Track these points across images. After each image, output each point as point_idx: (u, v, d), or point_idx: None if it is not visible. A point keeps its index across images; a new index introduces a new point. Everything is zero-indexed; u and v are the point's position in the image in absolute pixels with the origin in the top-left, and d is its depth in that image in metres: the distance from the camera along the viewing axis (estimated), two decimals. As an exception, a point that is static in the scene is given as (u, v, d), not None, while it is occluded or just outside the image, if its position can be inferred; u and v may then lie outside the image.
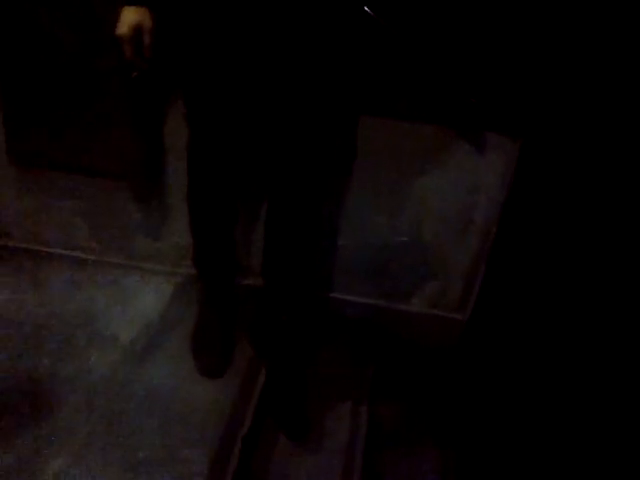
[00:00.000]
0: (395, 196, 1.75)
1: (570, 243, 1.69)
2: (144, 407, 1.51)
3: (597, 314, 1.64)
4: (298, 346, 1.70)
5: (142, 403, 1.52)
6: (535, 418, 1.65)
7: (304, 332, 1.74)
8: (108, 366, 1.59)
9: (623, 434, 1.48)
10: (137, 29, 1.28)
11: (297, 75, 1.34)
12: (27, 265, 1.89)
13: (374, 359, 1.85)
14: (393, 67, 1.60)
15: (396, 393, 1.78)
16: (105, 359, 1.61)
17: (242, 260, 1.84)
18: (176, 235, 1.89)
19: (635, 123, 1.53)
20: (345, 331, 1.89)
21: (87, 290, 1.82)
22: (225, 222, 1.63)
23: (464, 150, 1.68)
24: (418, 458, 1.60)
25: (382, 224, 1.80)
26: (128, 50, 1.29)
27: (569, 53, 1.53)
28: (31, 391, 1.49)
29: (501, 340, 1.81)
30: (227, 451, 1.43)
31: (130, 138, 1.74)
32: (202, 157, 1.51)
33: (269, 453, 1.51)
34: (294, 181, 1.49)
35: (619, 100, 1.53)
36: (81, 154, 1.76)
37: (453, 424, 1.71)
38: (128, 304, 1.79)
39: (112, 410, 1.48)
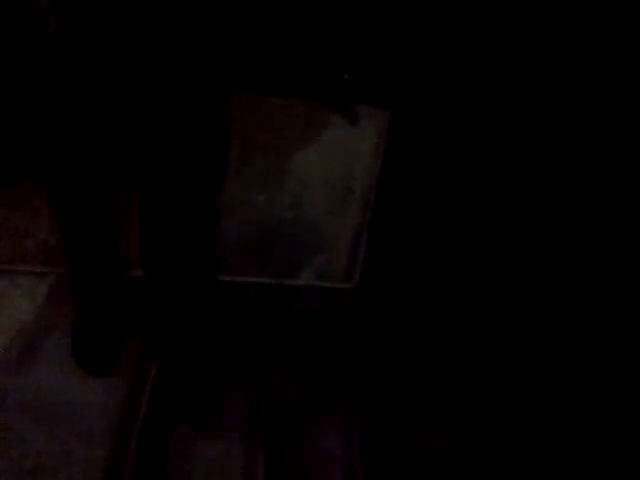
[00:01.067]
0: (274, 172, 1.75)
1: (443, 206, 1.77)
2: (29, 415, 1.42)
3: (473, 275, 1.74)
4: (188, 333, 1.65)
5: (26, 411, 1.43)
6: (425, 377, 1.72)
7: (192, 318, 1.70)
8: (-17, 377, 1.48)
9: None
10: None
11: (157, 52, 1.28)
12: None
13: (268, 336, 1.84)
14: (260, 42, 1.58)
15: (293, 366, 1.79)
16: (-23, 370, 1.49)
17: (124, 251, 1.76)
18: (44, 233, 1.78)
19: (490, 92, 1.62)
20: (235, 312, 1.87)
21: (-51, 300, 1.67)
22: (93, 215, 1.53)
23: (337, 122, 1.70)
24: (320, 431, 1.62)
25: (263, 201, 1.79)
26: None
27: (431, 22, 1.59)
28: None
29: (389, 305, 1.87)
30: (122, 447, 1.38)
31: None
32: (58, 151, 1.41)
33: (169, 445, 1.46)
34: (166, 165, 1.43)
35: (473, 71, 1.61)
36: None
37: (351, 391, 1.75)
38: (-2, 310, 1.67)
39: (-4, 422, 1.38)
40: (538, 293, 1.78)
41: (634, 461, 1.53)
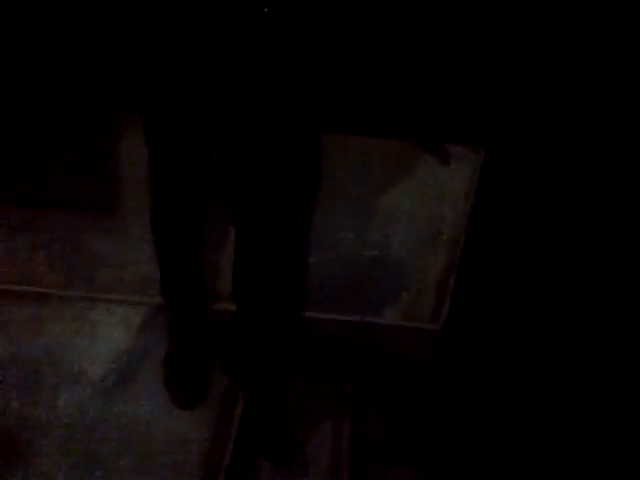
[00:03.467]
0: (363, 211, 1.75)
1: (537, 250, 1.71)
2: (120, 446, 1.46)
3: (571, 320, 1.66)
4: (275, 369, 1.67)
5: (117, 442, 1.47)
6: (515, 434, 1.66)
7: (280, 354, 1.71)
8: (79, 405, 1.54)
9: (612, 449, 1.50)
10: None
11: (256, 93, 1.32)
12: (-14, 305, 1.81)
13: (351, 376, 1.83)
14: (354, 83, 1.60)
15: (376, 408, 1.77)
16: (75, 398, 1.55)
17: (212, 285, 1.81)
18: (140, 264, 1.84)
19: (595, 128, 1.57)
20: (320, 349, 1.87)
21: (51, 326, 1.75)
22: (192, 247, 1.59)
23: (428, 163, 1.69)
24: (401, 476, 1.59)
25: (351, 239, 1.79)
26: None
27: (523, 62, 1.56)
28: (1, 438, 1.42)
29: (476, 350, 1.82)
30: (210, 483, 1.40)
31: (87, 168, 1.69)
32: (164, 181, 1.48)
33: (254, 481, 1.48)
34: (261, 202, 1.47)
35: (578, 106, 1.56)
36: (37, 187, 1.70)
37: (433, 439, 1.71)
38: (94, 338, 1.74)
39: (87, 452, 1.43)
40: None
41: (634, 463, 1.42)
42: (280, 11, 1.23)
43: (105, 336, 1.75)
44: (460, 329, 1.85)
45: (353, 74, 1.58)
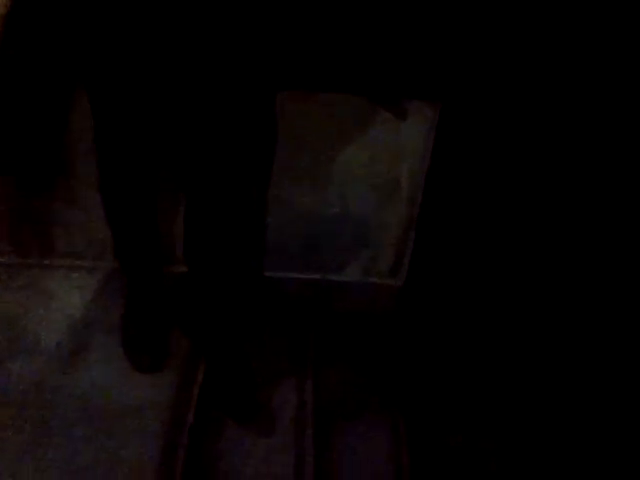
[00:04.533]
0: (320, 169, 1.73)
1: (493, 204, 1.73)
2: (78, 414, 1.44)
3: (525, 271, 1.70)
4: (234, 327, 1.66)
5: (77, 409, 1.45)
6: (473, 377, 1.70)
7: (239, 314, 1.70)
8: (35, 373, 1.51)
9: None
10: None
11: (211, 47, 1.27)
12: None
13: (314, 332, 1.84)
14: (308, 38, 1.56)
15: (338, 362, 1.78)
16: (31, 366, 1.52)
17: (169, 247, 1.77)
18: (94, 229, 1.79)
19: (544, 87, 1.57)
20: (282, 308, 1.87)
21: (4, 294, 1.70)
22: (143, 211, 1.55)
23: (385, 118, 1.67)
24: (368, 429, 1.61)
25: (309, 197, 1.77)
26: None
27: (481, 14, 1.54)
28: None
29: (435, 303, 1.85)
30: (174, 444, 1.39)
31: (33, 133, 1.62)
32: (110, 145, 1.42)
33: (218, 442, 1.47)
34: (212, 160, 1.43)
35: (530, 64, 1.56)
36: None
37: (398, 390, 1.73)
38: (49, 306, 1.70)
39: (43, 421, 1.41)
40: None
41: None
42: None
43: (60, 303, 1.71)
44: (420, 283, 1.87)
45: (309, 29, 1.54)
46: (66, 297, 1.72)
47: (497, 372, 1.69)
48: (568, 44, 1.51)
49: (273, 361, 1.70)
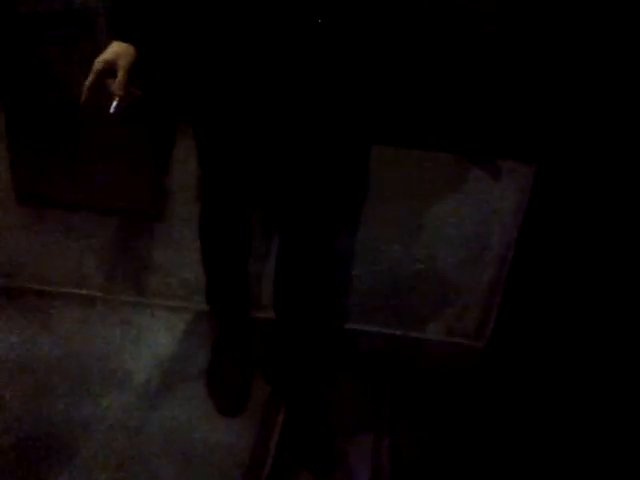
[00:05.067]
0: (409, 224, 1.74)
1: (587, 267, 1.67)
2: (162, 450, 1.47)
3: (621, 340, 1.61)
4: (315, 380, 1.66)
5: (159, 446, 1.48)
6: (559, 446, 1.61)
7: (320, 365, 1.71)
8: (123, 408, 1.56)
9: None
10: (110, 63, 1.24)
11: (308, 104, 1.33)
12: (36, 305, 1.85)
13: (392, 390, 1.81)
14: (404, 95, 1.59)
15: (416, 424, 1.74)
16: (119, 401, 1.57)
17: (254, 293, 1.82)
18: (185, 270, 1.86)
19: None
20: (361, 362, 1.86)
21: (98, 330, 1.78)
22: (239, 255, 1.61)
23: (478, 176, 1.67)
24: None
25: (397, 252, 1.78)
26: (89, 79, 1.23)
27: (577, 76, 1.53)
28: (46, 437, 1.45)
29: (520, 366, 1.78)
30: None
31: (138, 176, 1.72)
32: (215, 189, 1.50)
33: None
34: (305, 211, 1.47)
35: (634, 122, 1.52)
36: (89, 193, 1.74)
37: (477, 453, 1.67)
38: (140, 343, 1.76)
39: (129, 455, 1.44)
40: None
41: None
42: (334, 22, 1.23)
43: (150, 341, 1.77)
44: (505, 347, 1.81)
45: (407, 88, 1.58)
46: (156, 336, 1.79)
47: (582, 445, 1.60)
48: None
49: (350, 414, 1.68)
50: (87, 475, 1.38)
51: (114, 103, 1.24)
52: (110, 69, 1.24)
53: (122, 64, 1.25)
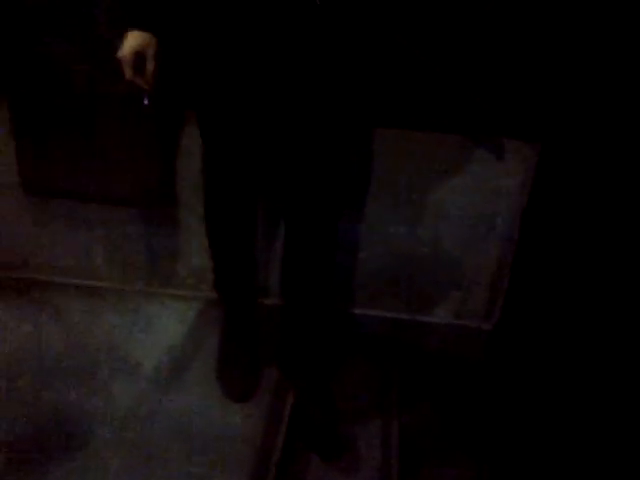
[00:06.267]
0: (414, 206, 1.73)
1: (593, 247, 1.66)
2: (173, 437, 1.49)
3: (627, 320, 1.60)
4: (323, 364, 1.67)
5: (170, 432, 1.50)
6: (567, 427, 1.61)
7: (327, 350, 1.72)
8: (134, 396, 1.57)
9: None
10: (139, 53, 1.29)
11: (310, 88, 1.33)
12: (46, 296, 1.87)
13: (400, 373, 1.82)
14: (406, 77, 1.58)
15: (423, 404, 1.75)
16: (130, 389, 1.59)
17: (261, 280, 1.83)
18: (194, 259, 1.88)
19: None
20: (369, 346, 1.86)
21: (108, 319, 1.80)
22: (245, 241, 1.61)
23: (482, 157, 1.66)
24: (453, 474, 1.57)
25: (402, 235, 1.77)
26: (128, 72, 1.29)
27: (582, 54, 1.51)
28: (59, 425, 1.48)
29: (528, 348, 1.78)
30: (261, 477, 1.41)
31: (143, 164, 1.73)
32: (218, 176, 1.50)
33: (303, 477, 1.48)
34: (310, 196, 1.47)
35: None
36: (95, 183, 1.75)
37: (484, 435, 1.68)
38: (150, 331, 1.78)
39: (141, 442, 1.46)
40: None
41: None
42: (333, 3, 1.22)
43: (160, 330, 1.79)
44: (513, 328, 1.81)
45: (409, 69, 1.56)
46: (166, 324, 1.80)
47: (586, 424, 1.60)
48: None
49: (358, 399, 1.69)
50: (100, 461, 1.40)
51: (145, 95, 1.26)
52: (138, 60, 1.26)
53: (151, 53, 1.27)
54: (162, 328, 1.78)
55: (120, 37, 1.30)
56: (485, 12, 1.50)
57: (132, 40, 1.28)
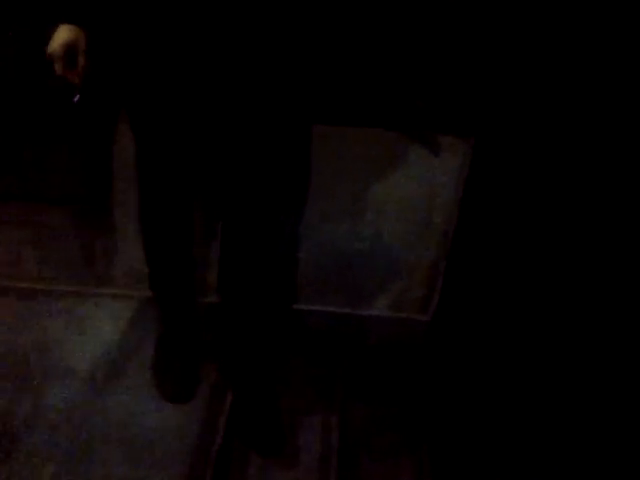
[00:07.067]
0: (354, 202, 1.74)
1: (526, 239, 1.71)
2: (109, 439, 1.46)
3: (557, 308, 1.66)
4: (263, 360, 1.66)
5: (107, 435, 1.47)
6: (504, 417, 1.66)
7: (268, 347, 1.71)
8: (67, 400, 1.53)
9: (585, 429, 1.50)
10: (70, 48, 1.25)
11: (245, 84, 1.31)
12: (-27, 300, 1.80)
13: (341, 366, 1.83)
14: (341, 73, 1.58)
15: (366, 397, 1.77)
16: (64, 393, 1.55)
17: (201, 278, 1.80)
18: (128, 258, 1.83)
19: (586, 119, 1.56)
20: (310, 342, 1.87)
21: (40, 321, 1.74)
22: (181, 240, 1.58)
23: (419, 153, 1.68)
24: (393, 465, 1.59)
25: (342, 231, 1.78)
26: (58, 68, 1.26)
27: (510, 49, 1.55)
28: (-15, 435, 1.43)
29: (465, 337, 1.82)
30: (199, 476, 1.39)
31: (76, 163, 1.68)
32: (152, 175, 1.47)
33: (242, 475, 1.47)
34: (248, 194, 1.46)
35: (568, 95, 1.55)
36: (25, 182, 1.69)
37: (425, 427, 1.71)
38: (84, 333, 1.73)
39: (76, 446, 1.42)
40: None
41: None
42: (270, 3, 1.21)
43: (94, 331, 1.74)
44: (449, 319, 1.85)
45: (344, 65, 1.57)
46: (101, 324, 1.76)
47: (527, 409, 1.65)
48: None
49: (300, 395, 1.69)
50: (30, 469, 1.35)
51: (76, 91, 1.22)
52: (69, 55, 1.22)
53: (82, 48, 1.23)
54: (97, 329, 1.74)
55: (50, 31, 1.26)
56: (417, 10, 1.52)
57: (62, 34, 1.24)
